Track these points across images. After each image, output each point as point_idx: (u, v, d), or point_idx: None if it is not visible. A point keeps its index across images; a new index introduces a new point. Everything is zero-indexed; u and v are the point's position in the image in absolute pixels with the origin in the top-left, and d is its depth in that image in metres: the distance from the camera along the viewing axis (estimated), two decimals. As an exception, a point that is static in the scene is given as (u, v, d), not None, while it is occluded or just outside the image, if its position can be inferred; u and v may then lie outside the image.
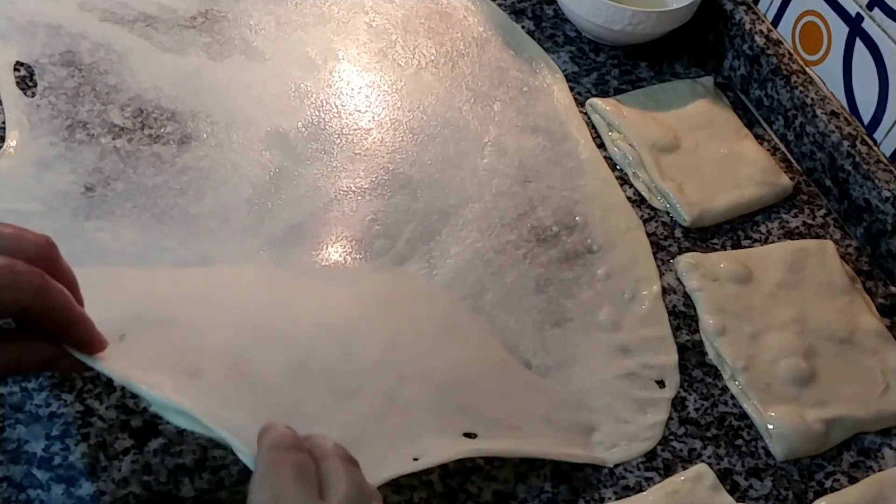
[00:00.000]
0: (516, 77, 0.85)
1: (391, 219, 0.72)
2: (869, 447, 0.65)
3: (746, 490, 0.62)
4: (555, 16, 0.92)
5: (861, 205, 0.76)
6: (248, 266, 0.68)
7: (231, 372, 0.55)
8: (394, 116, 0.80)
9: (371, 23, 0.88)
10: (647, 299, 0.71)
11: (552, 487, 0.60)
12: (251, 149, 0.75)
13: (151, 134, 0.75)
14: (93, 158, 0.72)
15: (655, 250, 0.74)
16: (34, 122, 0.73)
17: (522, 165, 0.78)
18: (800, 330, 0.69)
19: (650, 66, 0.89)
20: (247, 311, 0.64)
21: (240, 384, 0.54)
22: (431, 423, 0.58)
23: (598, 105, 0.83)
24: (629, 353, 0.67)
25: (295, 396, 0.56)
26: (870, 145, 0.76)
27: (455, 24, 0.90)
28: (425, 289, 0.68)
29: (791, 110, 0.82)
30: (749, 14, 0.86)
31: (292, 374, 0.58)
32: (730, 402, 0.66)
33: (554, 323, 0.68)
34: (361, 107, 0.80)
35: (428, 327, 0.66)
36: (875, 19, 0.74)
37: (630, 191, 0.78)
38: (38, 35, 0.79)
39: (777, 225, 0.78)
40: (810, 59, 0.82)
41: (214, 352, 0.57)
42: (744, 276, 0.72)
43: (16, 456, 0.57)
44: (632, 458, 0.62)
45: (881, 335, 0.70)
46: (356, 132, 0.78)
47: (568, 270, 0.72)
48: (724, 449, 0.64)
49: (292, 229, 0.70)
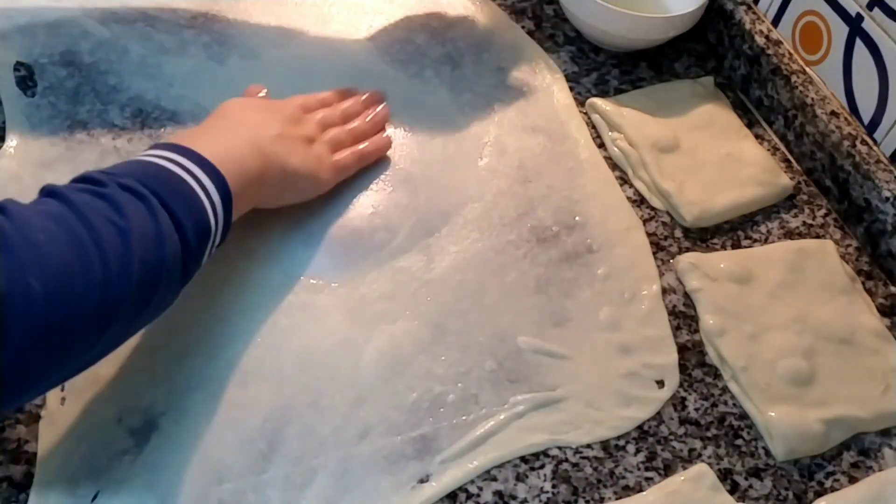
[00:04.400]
0: (516, 77, 0.85)
1: (392, 212, 0.72)
2: (869, 447, 0.65)
3: (746, 490, 0.62)
4: (555, 16, 0.92)
5: (861, 205, 0.76)
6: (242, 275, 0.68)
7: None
8: (394, 115, 0.80)
9: (371, 23, 0.88)
10: (646, 299, 0.71)
11: (552, 487, 0.60)
12: (251, 149, 0.75)
13: (151, 134, 0.75)
14: (93, 158, 0.72)
15: (655, 250, 0.74)
16: (34, 122, 0.73)
17: (522, 165, 0.78)
18: (800, 330, 0.69)
19: (650, 66, 0.89)
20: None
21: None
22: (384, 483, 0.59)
23: (598, 105, 0.83)
24: (629, 352, 0.67)
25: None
26: (870, 145, 0.76)
27: (455, 24, 0.90)
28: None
29: (791, 110, 0.82)
30: (749, 14, 0.86)
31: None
32: (730, 402, 0.66)
33: (554, 323, 0.68)
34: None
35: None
36: (875, 19, 0.74)
37: (630, 191, 0.78)
38: (38, 35, 0.79)
39: (777, 225, 0.78)
40: (810, 59, 0.82)
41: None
42: (744, 276, 0.72)
43: (16, 456, 0.57)
44: (594, 441, 0.63)
45: (881, 335, 0.70)
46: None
47: (568, 270, 0.72)
48: (724, 449, 0.64)
49: (294, 223, 0.70)
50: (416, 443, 0.61)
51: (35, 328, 0.45)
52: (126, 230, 0.50)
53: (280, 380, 0.62)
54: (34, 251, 0.46)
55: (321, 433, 0.60)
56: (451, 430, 0.62)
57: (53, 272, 0.46)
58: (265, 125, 0.67)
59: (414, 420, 0.62)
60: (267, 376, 0.62)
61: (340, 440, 0.60)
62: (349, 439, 0.60)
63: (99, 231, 0.49)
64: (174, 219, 0.54)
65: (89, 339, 0.49)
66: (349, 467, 0.59)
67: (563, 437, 0.63)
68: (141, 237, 0.51)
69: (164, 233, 0.53)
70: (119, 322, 0.51)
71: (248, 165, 0.62)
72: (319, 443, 0.60)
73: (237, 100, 0.70)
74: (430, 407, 0.63)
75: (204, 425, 0.60)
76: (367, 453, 0.60)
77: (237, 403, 0.61)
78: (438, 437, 0.61)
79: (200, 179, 0.57)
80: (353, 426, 0.61)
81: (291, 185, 0.68)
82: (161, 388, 0.61)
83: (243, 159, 0.62)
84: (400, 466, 0.60)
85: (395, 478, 0.59)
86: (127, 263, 0.50)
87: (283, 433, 0.60)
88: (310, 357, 0.64)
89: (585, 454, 0.62)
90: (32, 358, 0.46)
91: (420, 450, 0.61)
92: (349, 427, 0.61)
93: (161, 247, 0.52)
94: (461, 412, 0.63)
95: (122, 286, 0.49)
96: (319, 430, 0.60)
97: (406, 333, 0.66)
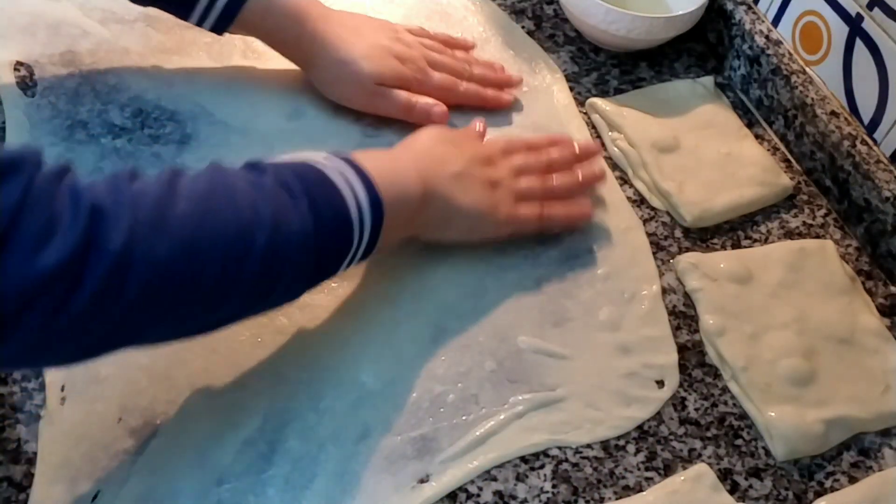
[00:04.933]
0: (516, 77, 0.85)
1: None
2: (869, 447, 0.65)
3: (746, 490, 0.62)
4: (555, 16, 0.92)
5: (861, 205, 0.76)
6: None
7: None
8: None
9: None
10: (646, 299, 0.71)
11: (552, 487, 0.60)
12: (251, 149, 0.75)
13: (151, 134, 0.75)
14: (93, 158, 0.72)
15: (655, 250, 0.74)
16: (34, 122, 0.73)
17: (522, 165, 0.78)
18: (800, 330, 0.69)
19: (650, 66, 0.89)
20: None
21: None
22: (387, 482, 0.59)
23: (598, 105, 0.83)
24: (629, 352, 0.67)
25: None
26: (870, 145, 0.76)
27: (455, 24, 0.90)
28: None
29: (791, 110, 0.82)
30: (749, 14, 0.86)
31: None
32: (730, 402, 0.66)
33: (554, 323, 0.68)
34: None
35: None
36: (875, 19, 0.74)
37: (630, 191, 0.78)
38: (38, 35, 0.79)
39: (777, 225, 0.78)
40: (810, 59, 0.82)
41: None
42: (744, 276, 0.72)
43: (16, 456, 0.57)
44: (594, 441, 0.63)
45: (881, 335, 0.70)
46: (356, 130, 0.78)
47: (568, 270, 0.72)
48: (724, 449, 0.64)
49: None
50: (416, 443, 0.61)
51: (156, 287, 0.47)
52: (261, 208, 0.52)
53: (280, 380, 0.62)
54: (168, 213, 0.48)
55: (321, 433, 0.60)
56: (451, 430, 0.62)
57: (185, 239, 0.48)
58: (448, 160, 0.67)
59: (414, 420, 0.62)
60: (267, 376, 0.62)
61: (340, 440, 0.60)
62: (349, 439, 0.60)
63: (238, 202, 0.51)
64: (314, 208, 0.54)
65: (201, 310, 0.51)
66: (349, 467, 0.59)
67: (563, 437, 0.63)
68: (275, 217, 0.52)
69: (298, 215, 0.54)
70: (235, 301, 0.52)
71: (409, 190, 0.62)
72: (319, 443, 0.60)
73: (433, 129, 0.70)
74: (430, 407, 0.63)
75: (204, 425, 0.60)
76: (366, 453, 0.60)
77: (237, 403, 0.61)
78: (438, 437, 0.61)
79: (351, 183, 0.57)
80: (353, 426, 0.61)
81: (456, 222, 0.67)
82: (161, 387, 0.61)
83: (406, 183, 0.62)
84: (400, 466, 0.60)
85: (395, 478, 0.59)
86: (253, 244, 0.51)
87: (283, 433, 0.60)
88: (310, 357, 0.64)
89: (585, 454, 0.62)
90: (148, 314, 0.48)
91: (420, 450, 0.61)
92: (349, 427, 0.61)
93: (290, 230, 0.53)
94: (461, 412, 0.63)
95: (243, 266, 0.51)
96: (319, 430, 0.60)
97: (406, 333, 0.66)
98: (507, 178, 0.70)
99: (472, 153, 0.69)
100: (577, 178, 0.73)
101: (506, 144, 0.72)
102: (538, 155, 0.72)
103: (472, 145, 0.71)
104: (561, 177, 0.72)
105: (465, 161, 0.67)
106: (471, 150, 0.69)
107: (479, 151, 0.70)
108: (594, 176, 0.74)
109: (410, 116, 0.76)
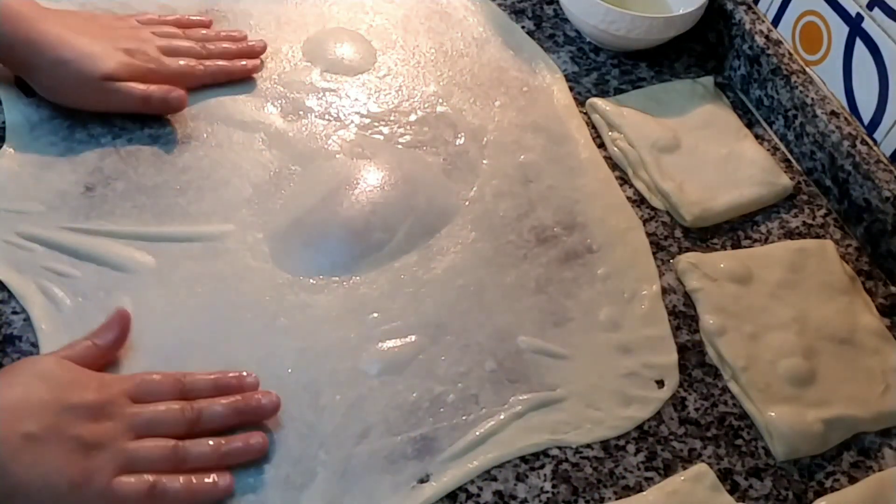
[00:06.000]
0: (516, 77, 0.85)
1: (391, 212, 0.72)
2: (869, 447, 0.65)
3: (746, 490, 0.62)
4: (555, 16, 0.92)
5: (861, 205, 0.76)
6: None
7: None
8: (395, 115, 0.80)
9: (371, 23, 0.88)
10: (646, 299, 0.71)
11: (552, 487, 0.60)
12: (251, 149, 0.75)
13: (151, 134, 0.75)
14: (93, 158, 0.72)
15: (655, 250, 0.74)
16: (34, 122, 0.73)
17: (522, 165, 0.78)
18: (800, 330, 0.69)
19: (650, 66, 0.89)
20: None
21: None
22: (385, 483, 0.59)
23: (598, 105, 0.83)
24: (629, 352, 0.67)
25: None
26: (870, 145, 0.76)
27: (455, 24, 0.90)
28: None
29: (791, 110, 0.82)
30: (749, 14, 0.86)
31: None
32: (730, 402, 0.66)
33: (554, 323, 0.68)
34: (361, 106, 0.80)
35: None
36: (875, 19, 0.74)
37: (630, 191, 0.78)
38: (38, 35, 0.79)
39: (777, 225, 0.78)
40: (810, 59, 0.82)
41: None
42: (744, 276, 0.72)
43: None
44: (594, 441, 0.63)
45: (881, 335, 0.70)
46: (356, 130, 0.78)
47: (568, 270, 0.72)
48: (724, 449, 0.64)
49: (293, 223, 0.70)
50: (416, 443, 0.61)
51: None
52: None
53: (280, 380, 0.62)
54: None
55: (321, 433, 0.60)
56: (451, 430, 0.62)
57: None
58: (26, 413, 0.50)
59: (414, 420, 0.62)
60: (267, 376, 0.62)
61: (340, 440, 0.60)
62: (349, 439, 0.60)
63: None
64: None
65: None
66: (349, 467, 0.59)
67: (563, 437, 0.63)
68: None
69: None
70: None
71: None
72: (319, 443, 0.60)
73: (47, 362, 0.55)
74: (430, 407, 0.63)
75: (204, 425, 0.60)
76: (367, 453, 0.60)
77: (237, 403, 0.61)
78: (438, 437, 0.61)
79: None
80: (353, 426, 0.61)
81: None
82: (161, 388, 0.61)
83: None
84: (400, 466, 0.60)
85: (395, 478, 0.59)
86: None
87: (282, 432, 0.60)
88: (310, 357, 0.64)
89: (585, 454, 0.62)
90: None
91: (420, 450, 0.61)
92: (349, 427, 0.61)
93: None
94: (461, 412, 0.63)
95: None
96: (319, 430, 0.60)
97: (406, 333, 0.66)
98: (118, 437, 0.53)
99: (80, 398, 0.52)
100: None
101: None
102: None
103: (89, 383, 0.54)
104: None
105: (56, 413, 0.51)
106: (80, 394, 0.53)
107: (93, 394, 0.53)
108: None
109: (149, 108, 0.73)
